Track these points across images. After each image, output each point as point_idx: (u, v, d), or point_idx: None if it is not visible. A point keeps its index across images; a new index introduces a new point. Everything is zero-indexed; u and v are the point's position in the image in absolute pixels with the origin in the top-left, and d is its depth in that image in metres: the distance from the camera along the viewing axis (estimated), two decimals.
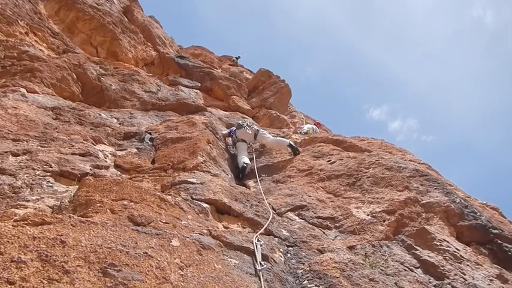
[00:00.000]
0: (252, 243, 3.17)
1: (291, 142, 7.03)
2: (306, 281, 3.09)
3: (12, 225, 2.12)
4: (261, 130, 7.58)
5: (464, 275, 3.42)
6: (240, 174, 6.13)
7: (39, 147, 4.21)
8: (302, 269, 3.28)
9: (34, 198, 3.24)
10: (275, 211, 4.56)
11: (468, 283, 3.34)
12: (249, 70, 21.44)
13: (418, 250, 3.72)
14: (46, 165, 3.81)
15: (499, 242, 4.05)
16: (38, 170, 3.69)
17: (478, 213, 4.42)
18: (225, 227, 3.54)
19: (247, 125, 7.46)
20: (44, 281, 1.82)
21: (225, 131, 7.88)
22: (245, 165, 6.27)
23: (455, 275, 3.39)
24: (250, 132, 7.25)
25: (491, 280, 3.48)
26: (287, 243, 3.74)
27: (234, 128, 7.62)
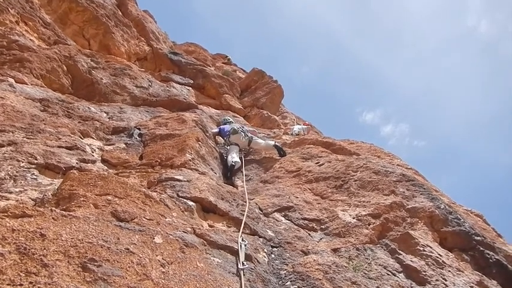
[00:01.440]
0: (236, 242, 3.16)
1: (276, 143, 7.18)
2: (288, 282, 3.10)
3: None
4: (255, 137, 7.60)
5: (446, 280, 3.46)
6: (229, 173, 6.12)
7: (25, 138, 4.14)
8: (285, 270, 3.28)
9: (17, 190, 3.19)
10: (262, 211, 4.56)
11: None
12: (242, 69, 21.42)
13: (401, 255, 3.75)
14: (31, 157, 3.75)
15: (481, 249, 4.10)
16: (23, 162, 3.63)
17: (462, 220, 4.47)
18: (209, 226, 3.52)
19: (242, 131, 7.46)
20: (21, 274, 1.79)
21: (215, 130, 7.85)
22: (233, 163, 6.27)
23: (437, 280, 3.43)
24: (244, 140, 7.28)
25: (471, 287, 3.53)
26: (272, 244, 3.74)
27: (226, 129, 7.61)
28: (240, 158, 6.67)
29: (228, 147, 7.18)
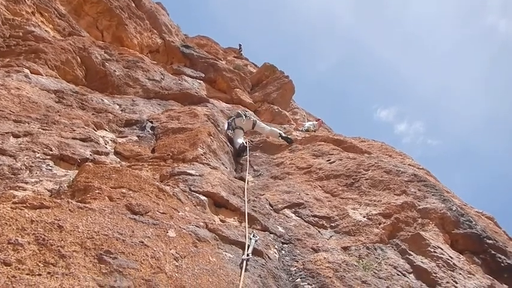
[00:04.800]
0: (249, 238, 3.18)
1: (281, 132, 7.62)
2: (298, 279, 3.11)
3: (11, 208, 2.13)
4: (258, 121, 8.19)
5: (456, 283, 3.44)
6: (240, 153, 6.66)
7: (40, 129, 4.20)
8: (296, 266, 3.30)
9: (33, 180, 3.24)
10: (272, 207, 4.57)
11: None
12: (253, 64, 21.37)
13: (412, 255, 3.73)
14: (46, 148, 3.81)
15: (493, 252, 4.07)
16: (38, 153, 3.68)
17: (474, 222, 4.44)
18: (221, 221, 3.55)
19: (245, 115, 7.95)
20: (39, 264, 1.83)
21: (226, 126, 8.06)
22: (244, 143, 6.84)
23: (447, 282, 3.41)
24: (248, 122, 7.78)
25: None
26: (282, 240, 3.76)
27: (232, 117, 8.08)
28: (245, 144, 6.99)
29: (234, 130, 7.56)
